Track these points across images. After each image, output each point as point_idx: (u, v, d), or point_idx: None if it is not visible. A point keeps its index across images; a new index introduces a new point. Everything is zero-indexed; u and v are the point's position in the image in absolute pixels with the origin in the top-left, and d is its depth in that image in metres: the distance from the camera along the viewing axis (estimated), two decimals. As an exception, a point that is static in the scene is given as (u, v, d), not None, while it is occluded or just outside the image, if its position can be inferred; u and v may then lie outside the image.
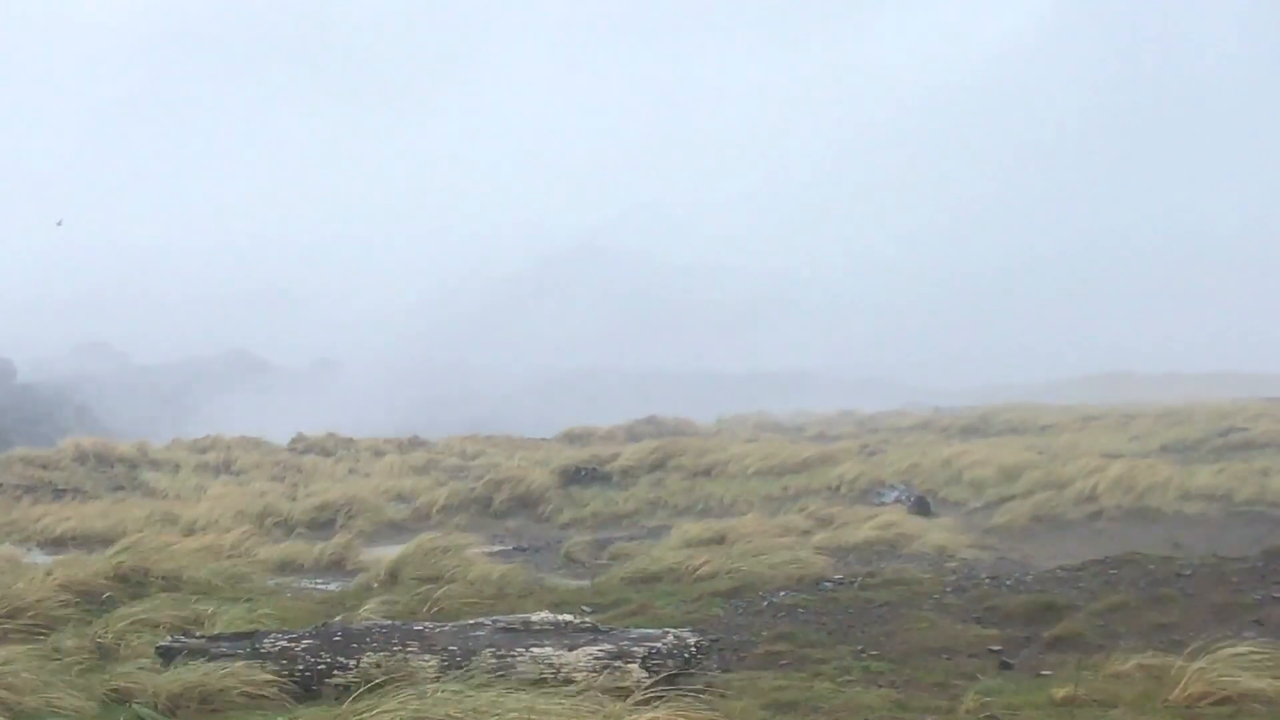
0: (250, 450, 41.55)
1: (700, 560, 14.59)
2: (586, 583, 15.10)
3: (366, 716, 7.03)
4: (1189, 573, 11.96)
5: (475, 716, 6.94)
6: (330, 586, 15.48)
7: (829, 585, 12.98)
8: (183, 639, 9.02)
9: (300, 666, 8.48)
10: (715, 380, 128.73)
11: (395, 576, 14.91)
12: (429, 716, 6.97)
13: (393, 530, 23.04)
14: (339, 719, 7.21)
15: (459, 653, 8.35)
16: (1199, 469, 22.84)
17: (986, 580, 12.96)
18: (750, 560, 14.17)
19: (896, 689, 8.47)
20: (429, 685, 7.74)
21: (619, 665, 8.12)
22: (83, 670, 9.04)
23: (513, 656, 8.25)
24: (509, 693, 7.49)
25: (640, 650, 8.23)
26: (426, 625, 8.96)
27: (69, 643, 10.22)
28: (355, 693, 7.77)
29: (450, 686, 7.61)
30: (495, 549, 19.13)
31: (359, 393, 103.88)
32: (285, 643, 8.70)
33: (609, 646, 8.27)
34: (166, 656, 8.70)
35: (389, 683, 7.99)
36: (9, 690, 7.92)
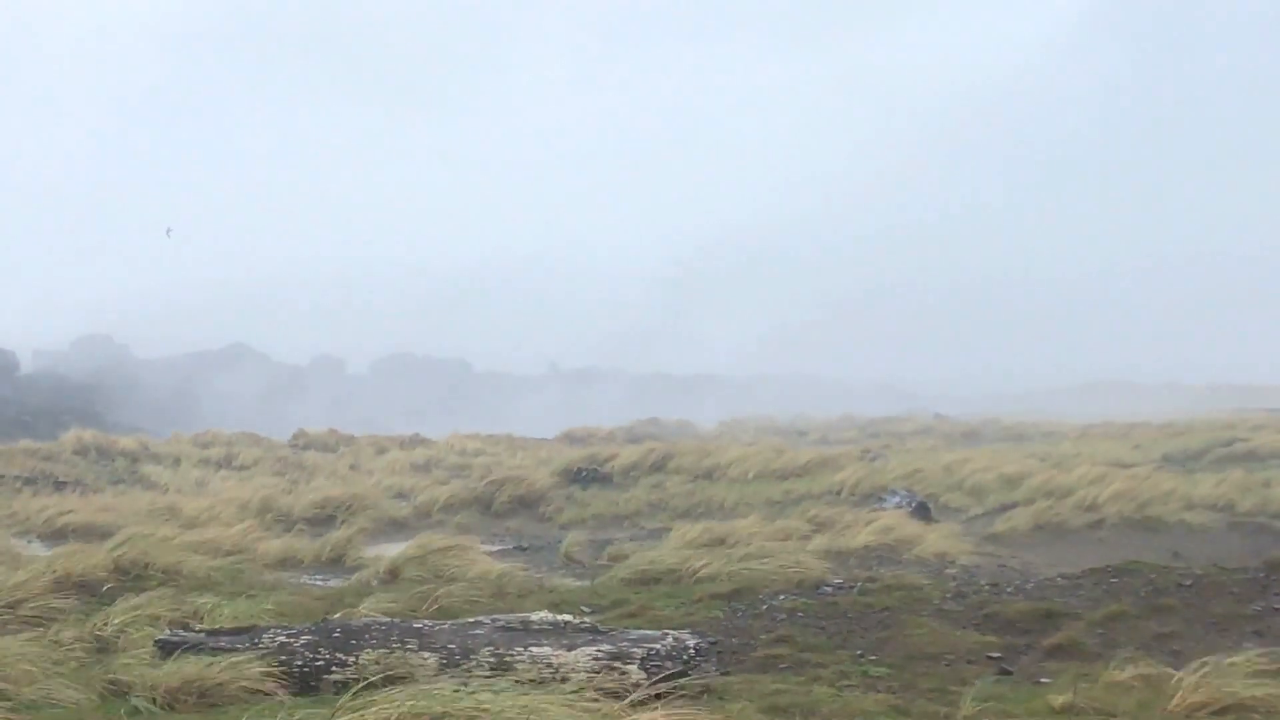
0: (251, 445, 41.59)
1: (700, 562, 14.58)
2: (586, 583, 15.10)
3: (364, 713, 7.02)
4: (1189, 583, 11.95)
5: (472, 715, 6.93)
6: (330, 583, 15.48)
7: (829, 589, 12.97)
8: (182, 633, 9.02)
9: (299, 662, 8.48)
10: (716, 383, 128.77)
11: (395, 574, 14.91)
12: (426, 714, 6.97)
13: (393, 528, 23.03)
14: (337, 715, 7.21)
15: (458, 651, 8.35)
16: (1201, 479, 22.85)
17: (986, 587, 12.95)
18: (750, 563, 14.16)
19: (895, 694, 8.47)
20: (427, 683, 7.75)
21: (617, 666, 8.12)
22: (82, 663, 9.06)
23: (511, 656, 8.24)
24: (506, 691, 7.49)
25: (639, 651, 8.23)
26: (426, 623, 8.96)
27: (68, 635, 10.22)
28: (353, 689, 7.78)
29: (448, 684, 7.61)
30: (495, 548, 19.13)
31: (361, 388, 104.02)
32: (284, 638, 8.70)
33: (608, 647, 8.27)
34: (166, 650, 8.70)
35: (387, 680, 8.00)
36: (8, 682, 7.93)
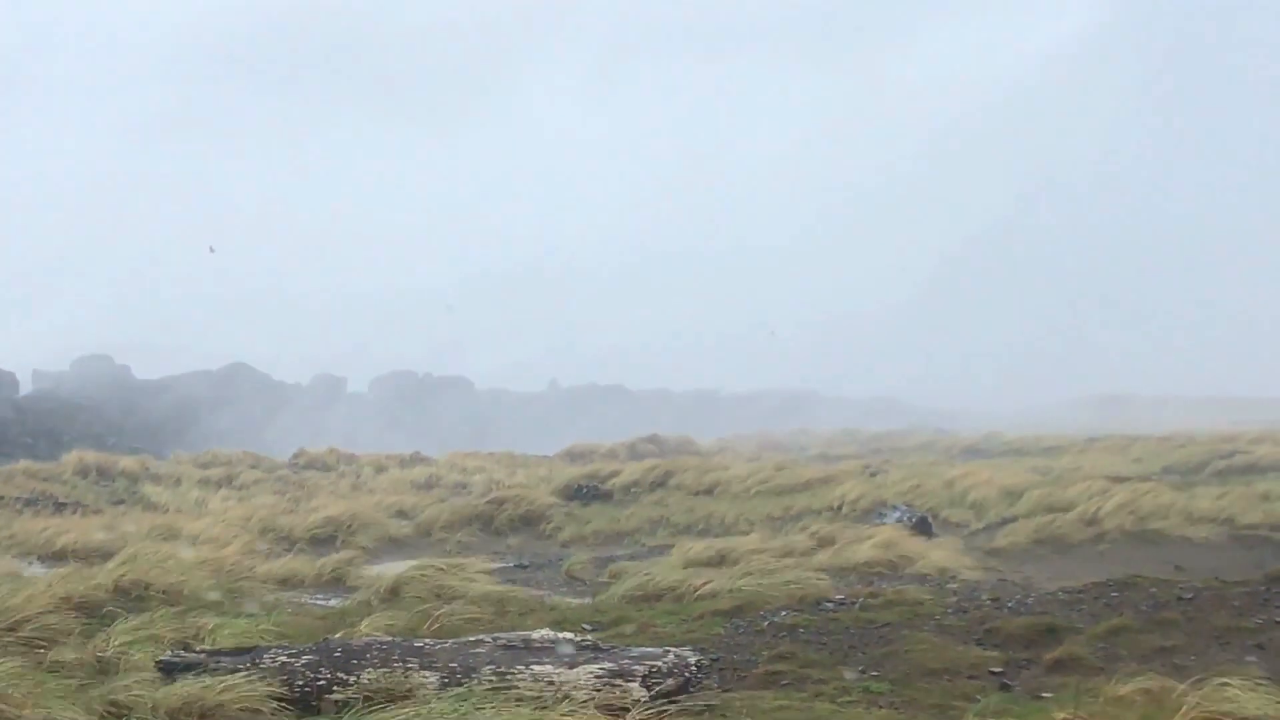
0: (251, 465, 41.57)
1: (701, 579, 14.58)
2: (588, 601, 15.09)
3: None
4: (1191, 596, 11.95)
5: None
6: (331, 602, 15.47)
7: (830, 605, 12.97)
8: (183, 653, 9.01)
9: (300, 682, 8.47)
10: (717, 399, 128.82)
11: (396, 593, 14.90)
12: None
13: (394, 547, 23.02)
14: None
15: (459, 670, 8.34)
16: (1201, 492, 22.83)
17: (987, 602, 12.94)
18: (751, 580, 14.16)
19: (896, 709, 8.47)
20: (428, 702, 7.75)
21: (619, 684, 8.11)
22: (82, 684, 9.03)
23: (513, 674, 8.24)
24: (508, 710, 7.49)
25: (641, 669, 8.22)
26: (427, 642, 8.95)
27: (69, 656, 10.20)
28: (355, 708, 7.78)
29: (449, 703, 7.61)
30: (496, 566, 19.10)
31: (361, 408, 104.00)
32: (285, 658, 8.69)
33: (610, 665, 8.26)
34: (167, 671, 8.69)
35: (388, 699, 8.00)
36: (9, 704, 7.91)
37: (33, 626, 11.34)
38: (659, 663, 8.33)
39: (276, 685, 8.40)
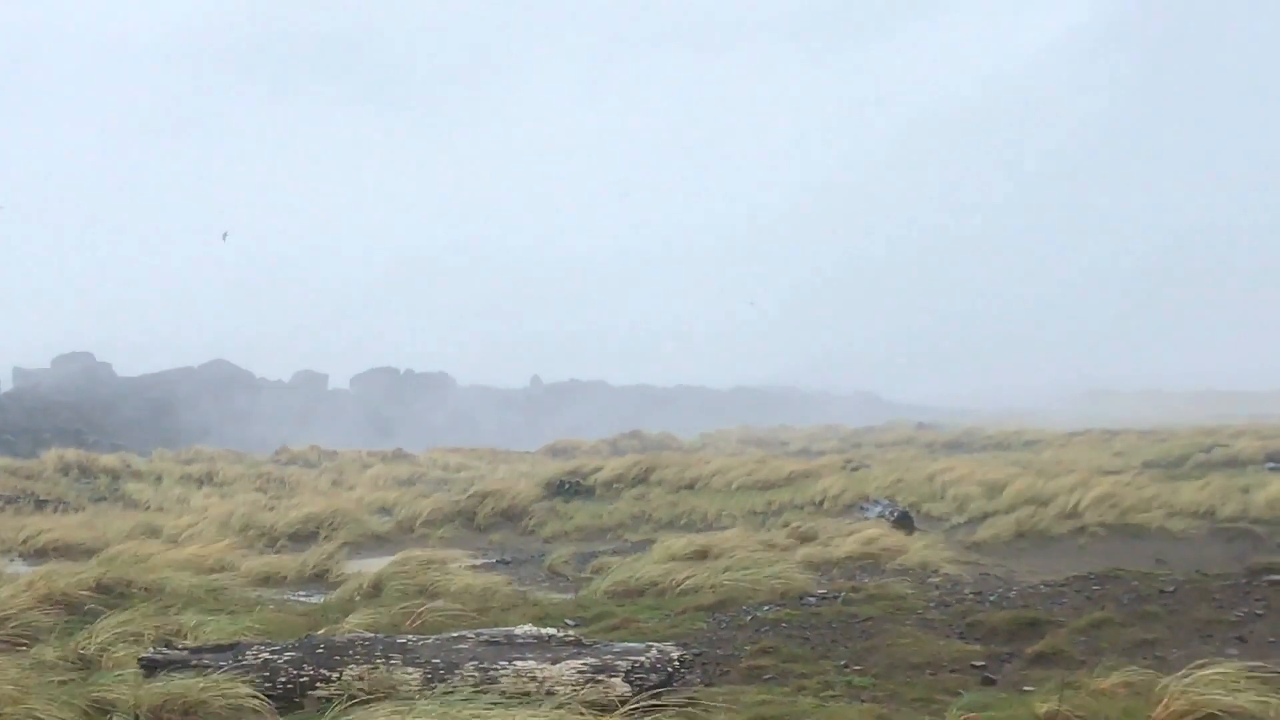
0: (233, 462, 41.54)
1: (684, 574, 14.59)
2: (570, 596, 15.09)
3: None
4: (1172, 589, 11.98)
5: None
6: (313, 599, 15.44)
7: (812, 600, 12.98)
8: (165, 651, 8.98)
9: (283, 679, 8.46)
10: (698, 394, 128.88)
11: (378, 589, 14.89)
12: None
13: (376, 543, 22.99)
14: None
15: (442, 666, 8.34)
16: (1183, 485, 22.91)
17: (969, 595, 12.97)
18: (734, 574, 14.15)
19: (879, 704, 8.47)
20: (411, 698, 7.74)
21: (602, 679, 8.11)
22: (64, 681, 9.00)
23: (496, 670, 8.24)
24: (491, 706, 7.48)
25: (623, 664, 8.23)
26: (410, 638, 8.94)
27: (51, 654, 10.18)
28: (337, 705, 7.76)
29: (432, 699, 7.60)
30: (479, 562, 19.09)
31: (343, 403, 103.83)
32: (268, 655, 8.68)
33: (592, 660, 8.27)
34: (149, 668, 8.66)
35: (371, 696, 7.99)
36: (-10, 701, 7.88)
37: (14, 624, 11.32)
38: (642, 658, 8.34)
39: (259, 682, 8.39)
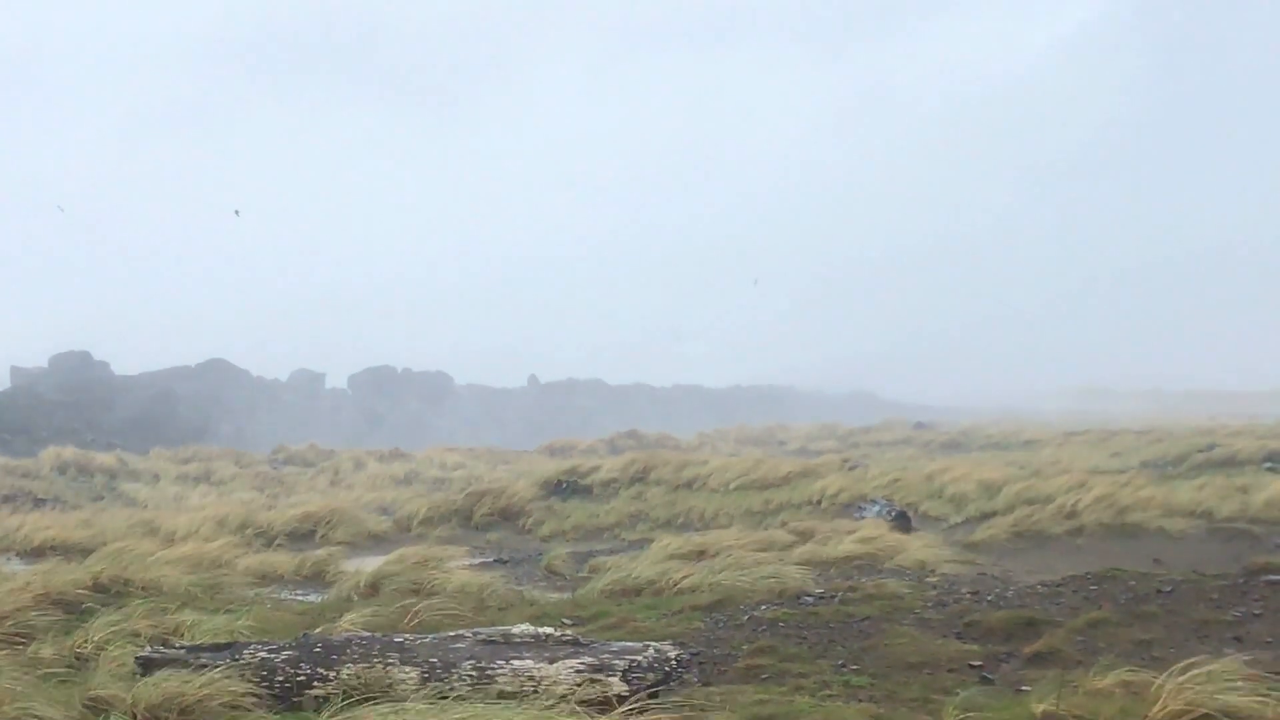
0: (230, 461, 41.55)
1: (681, 574, 14.58)
2: (567, 595, 15.08)
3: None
4: (1170, 589, 11.99)
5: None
6: (310, 598, 15.43)
7: (810, 599, 12.98)
8: (162, 649, 8.98)
9: (280, 678, 8.45)
10: (695, 394, 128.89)
11: (376, 588, 14.89)
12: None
13: (374, 542, 22.98)
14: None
15: (439, 665, 8.33)
16: (1180, 485, 22.91)
17: (967, 595, 12.97)
18: (731, 574, 14.14)
19: (876, 703, 8.47)
20: (408, 698, 7.74)
21: (599, 678, 8.11)
22: (61, 680, 9.00)
23: (493, 669, 8.23)
24: (488, 705, 7.48)
25: (621, 663, 8.23)
26: (407, 637, 8.93)
27: (48, 652, 10.17)
28: (334, 704, 7.76)
29: (429, 698, 7.60)
30: (476, 561, 19.10)
31: (341, 402, 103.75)
32: (265, 654, 8.67)
33: (589, 659, 8.26)
34: (146, 667, 8.66)
35: (368, 695, 7.99)
36: (-13, 699, 7.88)
37: (11, 622, 11.31)
38: (639, 657, 8.34)
39: (256, 681, 8.38)
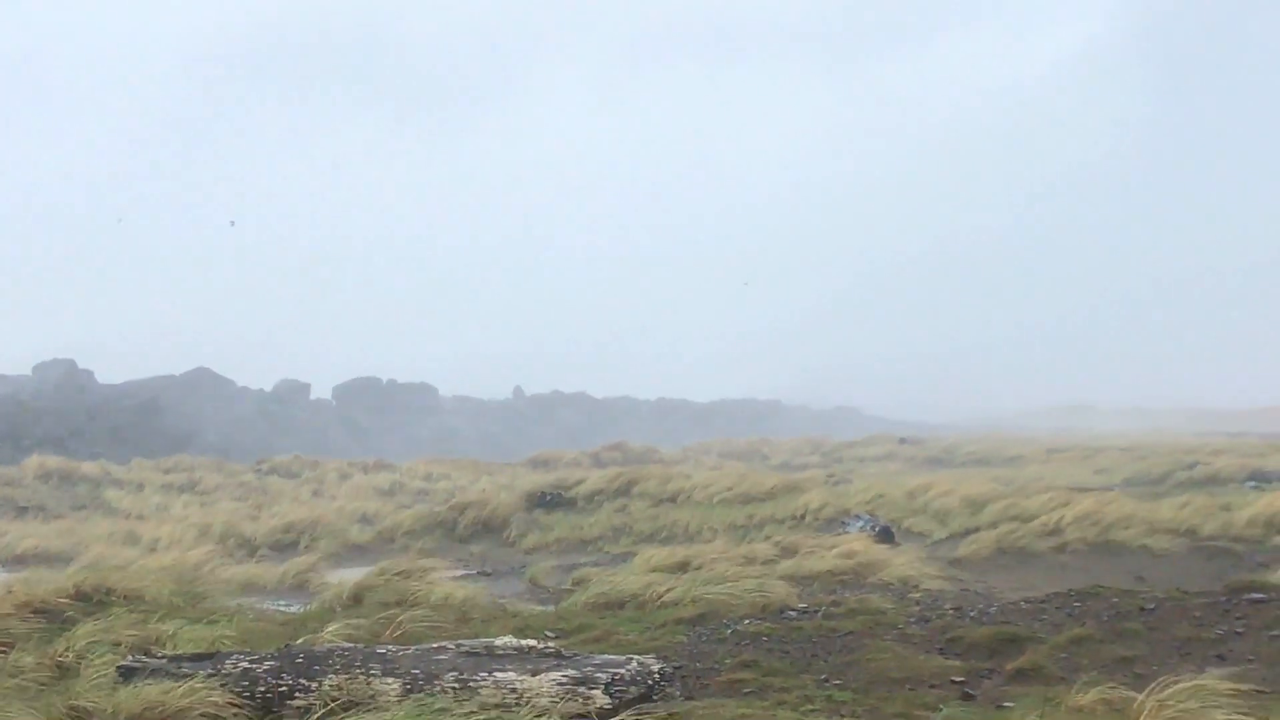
0: (214, 471, 41.44)
1: (664, 587, 14.57)
2: (550, 608, 15.07)
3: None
4: (1152, 606, 12.01)
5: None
6: (293, 608, 15.41)
7: (793, 614, 12.98)
8: (144, 659, 8.95)
9: (262, 688, 8.43)
10: (680, 407, 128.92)
11: (358, 599, 14.85)
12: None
13: (356, 552, 22.97)
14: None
15: (421, 676, 8.31)
16: (1163, 503, 22.94)
17: (950, 611, 12.98)
18: (714, 588, 14.14)
19: (859, 718, 8.47)
20: (390, 709, 7.72)
21: (582, 691, 8.10)
22: (42, 689, 8.97)
23: (475, 681, 8.21)
24: (470, 716, 7.47)
25: (603, 676, 8.21)
26: (389, 648, 8.92)
27: (28, 661, 10.14)
28: (316, 715, 7.74)
29: (411, 710, 7.58)
30: (460, 573, 19.09)
31: (325, 413, 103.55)
32: (247, 664, 8.64)
33: (572, 672, 8.25)
34: (127, 676, 8.63)
35: (350, 706, 7.97)
36: (-34, 708, 7.85)
37: (-8, 631, 11.27)
38: (622, 670, 8.32)
39: (238, 691, 8.36)
